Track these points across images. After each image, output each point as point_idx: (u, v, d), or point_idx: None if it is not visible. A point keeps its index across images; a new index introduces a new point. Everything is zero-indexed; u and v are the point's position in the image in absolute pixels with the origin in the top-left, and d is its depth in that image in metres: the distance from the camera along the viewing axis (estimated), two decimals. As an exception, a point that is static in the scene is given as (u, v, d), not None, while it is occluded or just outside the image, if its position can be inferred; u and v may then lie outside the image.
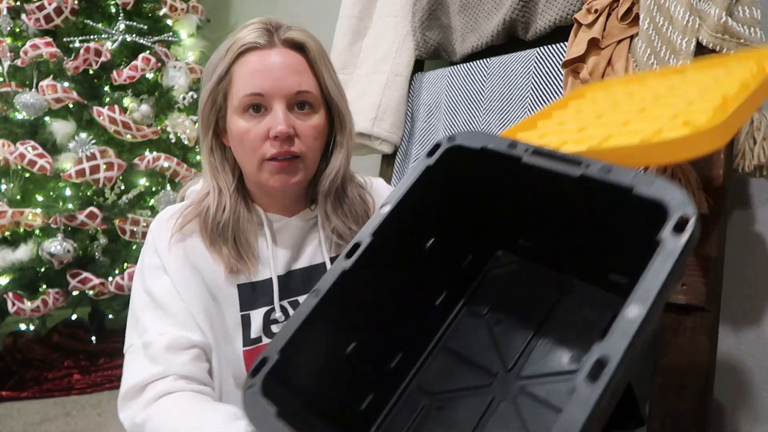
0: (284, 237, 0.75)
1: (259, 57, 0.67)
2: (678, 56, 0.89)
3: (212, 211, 0.70)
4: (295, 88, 0.67)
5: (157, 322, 0.66)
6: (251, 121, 0.67)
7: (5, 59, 1.82)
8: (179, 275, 0.69)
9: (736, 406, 1.02)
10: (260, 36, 0.68)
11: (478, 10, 1.26)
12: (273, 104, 0.67)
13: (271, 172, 0.68)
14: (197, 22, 2.19)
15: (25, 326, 1.87)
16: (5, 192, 1.75)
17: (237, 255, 0.70)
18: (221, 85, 0.69)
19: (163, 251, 0.70)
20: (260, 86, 0.66)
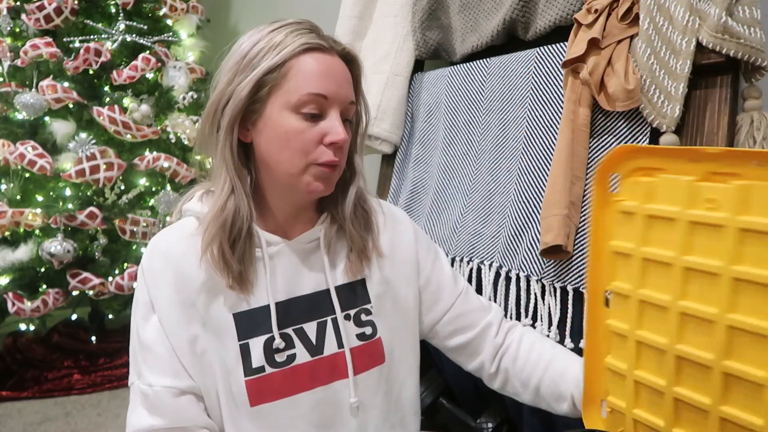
0: (283, 261, 0.71)
1: (325, 59, 0.65)
2: (678, 56, 0.89)
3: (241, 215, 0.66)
4: (350, 98, 0.68)
5: (148, 370, 0.67)
6: (306, 123, 0.64)
7: (5, 59, 1.82)
8: (168, 314, 0.67)
9: (736, 406, 1.02)
10: (319, 38, 0.66)
11: (478, 10, 1.26)
12: (330, 110, 0.65)
13: (316, 176, 0.66)
14: (197, 22, 2.19)
15: (25, 326, 1.87)
16: (5, 192, 1.75)
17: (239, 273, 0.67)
18: (269, 77, 0.64)
19: (153, 286, 0.67)
20: (326, 88, 0.64)
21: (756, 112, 0.89)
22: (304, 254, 0.73)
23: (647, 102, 0.91)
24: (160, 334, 0.67)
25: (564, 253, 0.97)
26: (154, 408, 0.66)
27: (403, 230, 0.82)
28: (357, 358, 0.72)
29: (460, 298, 0.84)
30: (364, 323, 0.74)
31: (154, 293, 0.67)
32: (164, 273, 0.67)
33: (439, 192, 1.29)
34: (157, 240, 0.70)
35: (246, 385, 0.67)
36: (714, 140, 0.90)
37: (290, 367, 0.69)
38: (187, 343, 0.67)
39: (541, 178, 1.06)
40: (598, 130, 1.01)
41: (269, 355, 0.68)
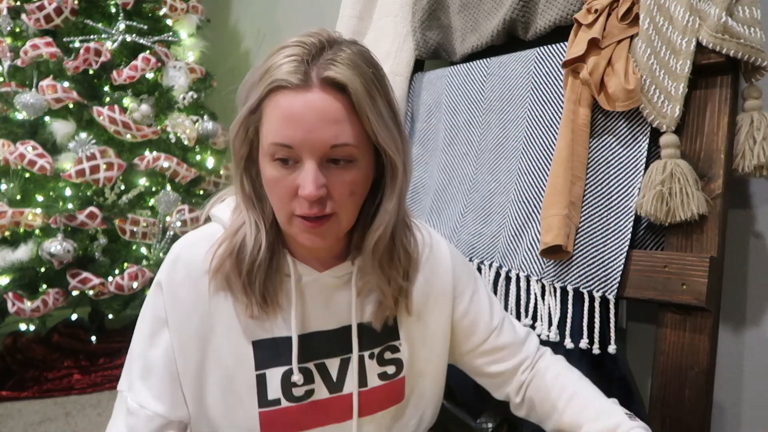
0: (312, 293, 0.67)
1: (291, 100, 0.55)
2: (678, 56, 0.89)
3: (249, 246, 0.62)
4: (330, 141, 0.55)
5: (145, 390, 0.64)
6: (280, 171, 0.57)
7: (5, 59, 1.82)
8: (183, 332, 0.63)
9: (736, 406, 1.02)
10: (294, 71, 0.55)
11: (478, 10, 1.26)
12: (303, 158, 0.56)
13: (301, 228, 0.59)
14: (197, 22, 2.19)
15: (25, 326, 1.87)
16: (5, 192, 1.75)
17: (262, 301, 0.63)
18: (252, 118, 0.59)
19: (171, 301, 0.63)
20: (289, 137, 0.55)
21: (756, 112, 0.89)
22: (335, 288, 0.68)
23: (647, 102, 0.91)
24: (168, 357, 0.63)
25: (564, 253, 0.97)
26: (131, 429, 0.63)
27: (442, 263, 0.76)
28: (373, 399, 0.69)
29: (493, 334, 0.79)
30: (388, 362, 0.71)
31: (171, 309, 0.63)
32: (184, 287, 0.63)
33: (439, 192, 1.29)
34: (181, 249, 0.66)
35: (259, 417, 0.64)
36: (714, 140, 0.90)
37: (307, 402, 0.66)
38: (196, 366, 0.64)
39: (541, 178, 1.06)
40: (598, 130, 1.01)
41: (286, 388, 0.65)
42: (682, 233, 0.91)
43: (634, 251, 0.94)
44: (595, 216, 0.98)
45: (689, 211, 0.87)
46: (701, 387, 0.87)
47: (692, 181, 0.88)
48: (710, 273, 0.86)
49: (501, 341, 0.79)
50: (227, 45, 2.59)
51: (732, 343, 1.02)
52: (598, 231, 0.98)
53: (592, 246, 0.97)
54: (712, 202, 0.88)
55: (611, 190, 0.98)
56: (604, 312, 0.96)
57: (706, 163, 0.90)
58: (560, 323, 0.99)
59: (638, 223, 0.98)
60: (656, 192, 0.89)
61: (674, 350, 0.90)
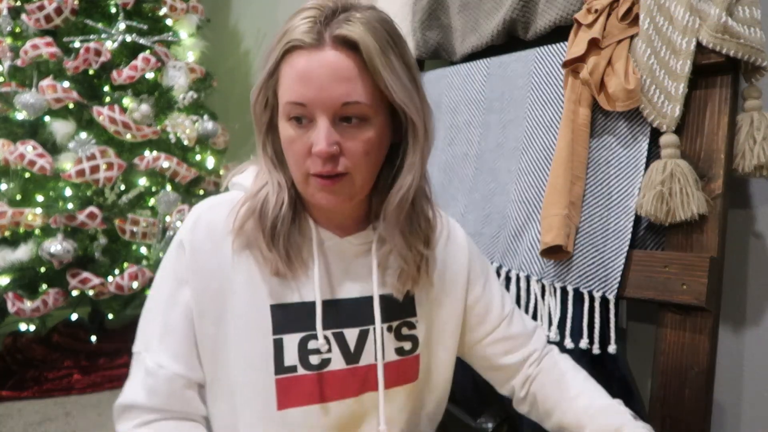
0: (334, 259, 0.67)
1: (305, 59, 0.57)
2: (678, 56, 0.89)
3: (271, 203, 0.62)
4: (342, 99, 0.57)
5: (163, 350, 0.63)
6: (296, 131, 0.59)
7: (5, 59, 1.82)
8: (203, 293, 0.63)
9: (736, 406, 1.02)
10: (308, 31, 0.56)
11: (478, 10, 1.26)
12: (316, 116, 0.57)
13: (316, 188, 0.60)
14: (197, 22, 2.19)
15: (25, 326, 1.87)
16: (5, 192, 1.75)
17: (287, 257, 0.63)
18: (270, 82, 0.61)
19: (193, 261, 0.63)
20: (302, 95, 0.57)
21: (756, 112, 0.89)
22: (355, 256, 0.68)
23: (647, 102, 0.91)
24: (187, 317, 0.63)
25: (564, 253, 0.97)
26: (155, 391, 0.62)
27: (458, 248, 0.77)
28: (390, 373, 0.68)
29: (504, 323, 0.79)
30: (405, 337, 0.70)
31: (193, 269, 0.63)
32: (206, 248, 0.63)
33: (439, 192, 1.29)
34: (202, 211, 0.66)
35: (275, 384, 0.63)
36: (714, 140, 0.90)
37: (324, 371, 0.65)
38: (214, 328, 0.64)
39: (541, 178, 1.06)
40: (598, 130, 1.01)
41: (303, 354, 0.64)
42: (682, 233, 0.91)
43: (634, 251, 0.95)
44: (595, 216, 0.98)
45: (689, 211, 0.87)
46: (701, 387, 0.87)
47: (692, 181, 0.88)
48: (710, 273, 0.86)
49: (511, 331, 0.79)
50: (227, 45, 2.59)
51: (732, 343, 1.02)
52: (598, 231, 0.98)
53: (592, 246, 0.97)
54: (712, 202, 0.88)
55: (611, 190, 0.98)
56: (604, 312, 0.96)
57: (706, 163, 0.90)
58: (560, 323, 0.99)
59: (638, 223, 0.98)
60: (656, 192, 0.89)
61: (674, 350, 0.90)
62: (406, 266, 0.67)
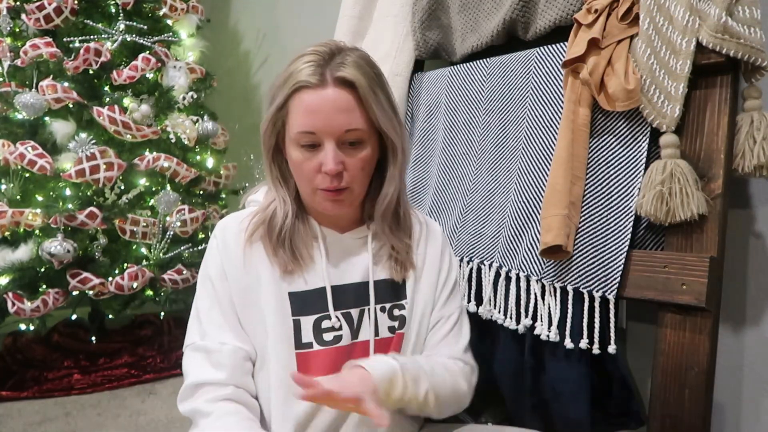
0: (336, 251, 0.81)
1: (311, 97, 0.71)
2: (678, 56, 0.89)
3: (279, 216, 0.78)
4: (345, 127, 0.71)
5: (217, 330, 0.75)
6: (305, 154, 0.73)
7: (5, 59, 1.82)
8: (239, 285, 0.77)
9: (736, 406, 1.02)
10: (313, 74, 0.71)
11: (478, 10, 1.26)
12: (324, 142, 0.71)
13: (323, 198, 0.74)
14: (197, 22, 2.19)
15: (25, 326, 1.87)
16: (5, 192, 1.75)
17: (292, 257, 0.77)
18: (280, 114, 0.74)
19: (227, 259, 0.78)
20: (312, 125, 0.71)
21: (756, 112, 0.89)
22: (354, 247, 0.82)
23: (647, 102, 0.91)
24: (232, 304, 0.76)
25: (564, 253, 0.97)
26: (220, 364, 0.73)
27: (436, 235, 0.89)
28: (383, 348, 0.80)
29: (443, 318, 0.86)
30: (396, 317, 0.82)
31: (228, 265, 0.77)
32: (235, 251, 0.78)
33: (439, 192, 1.29)
34: (227, 222, 0.81)
35: (296, 357, 0.76)
36: (714, 140, 0.90)
37: (335, 347, 0.77)
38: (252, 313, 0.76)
39: (541, 178, 1.06)
40: (598, 130, 1.01)
41: (318, 333, 0.77)
42: (682, 233, 0.91)
43: (634, 251, 0.94)
44: (595, 216, 0.98)
45: (689, 211, 0.87)
46: (701, 387, 0.87)
47: (692, 181, 0.88)
48: (710, 273, 0.86)
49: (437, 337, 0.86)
50: (227, 45, 2.59)
51: (732, 343, 1.02)
52: (598, 231, 0.98)
53: (592, 246, 0.97)
54: (712, 202, 0.88)
55: (611, 190, 0.98)
56: (604, 312, 0.96)
57: (706, 163, 0.90)
58: (560, 323, 0.99)
59: (638, 223, 0.98)
60: (656, 192, 0.89)
61: (674, 350, 0.90)
62: (398, 255, 0.82)
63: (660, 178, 0.89)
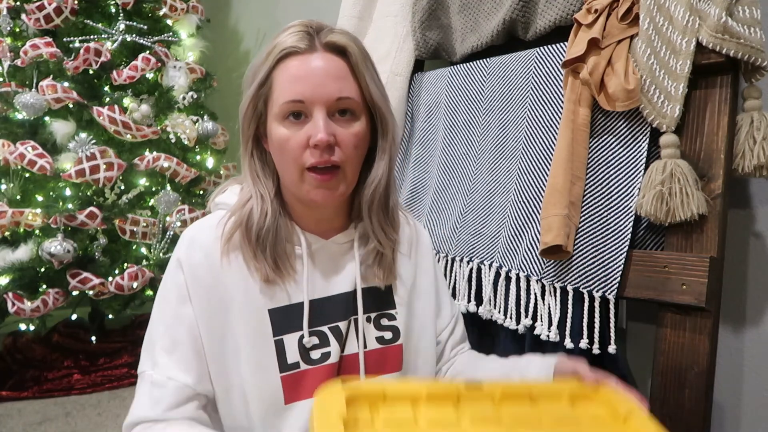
0: (321, 260, 0.73)
1: (299, 62, 0.64)
2: (678, 56, 0.89)
3: (256, 216, 0.68)
4: (336, 94, 0.64)
5: (168, 362, 0.65)
6: (291, 128, 0.65)
7: (5, 59, 1.82)
8: (205, 308, 0.67)
9: (736, 406, 1.02)
10: (300, 40, 0.65)
11: (478, 10, 1.26)
12: (313, 111, 0.64)
13: (312, 184, 0.65)
14: (197, 22, 2.19)
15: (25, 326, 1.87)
16: (5, 192, 1.75)
17: (274, 265, 0.68)
18: (262, 91, 0.67)
19: (192, 279, 0.67)
20: (300, 93, 0.64)
21: (756, 112, 0.89)
22: (340, 254, 0.74)
23: (647, 102, 0.91)
24: (193, 332, 0.66)
25: (564, 253, 0.97)
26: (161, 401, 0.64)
27: (425, 240, 0.85)
28: (372, 361, 0.72)
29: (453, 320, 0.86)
30: (385, 327, 0.75)
31: (193, 286, 0.67)
32: (203, 266, 0.67)
33: (439, 192, 1.29)
34: (194, 233, 0.70)
35: (282, 381, 0.67)
36: (714, 140, 0.90)
37: (324, 365, 0.69)
38: (220, 338, 0.67)
39: (541, 178, 1.06)
40: (598, 130, 1.01)
41: (304, 351, 0.69)
42: (682, 233, 0.91)
43: (634, 251, 0.94)
44: (595, 216, 0.98)
45: (689, 211, 0.87)
46: (701, 387, 0.87)
47: (692, 181, 0.88)
48: (710, 273, 0.86)
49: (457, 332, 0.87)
50: (227, 45, 2.59)
51: (732, 343, 1.02)
52: (598, 231, 0.98)
53: (592, 246, 0.97)
54: (712, 202, 0.88)
55: (611, 190, 0.98)
56: (604, 312, 0.96)
57: (706, 163, 0.90)
58: (560, 323, 0.99)
59: (638, 223, 0.98)
60: (656, 192, 0.89)
61: (674, 350, 0.90)
62: (384, 256, 0.74)
63: (660, 178, 0.89)
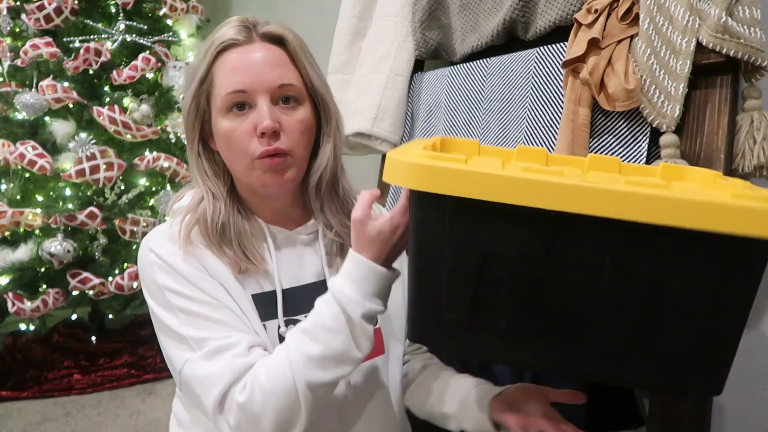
0: (288, 250, 0.74)
1: (238, 53, 0.66)
2: (678, 56, 0.89)
3: (209, 214, 0.68)
4: (278, 81, 0.66)
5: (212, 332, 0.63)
6: (236, 120, 0.66)
7: (5, 59, 1.82)
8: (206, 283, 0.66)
9: (736, 406, 1.02)
10: (238, 33, 0.66)
11: (478, 10, 1.26)
12: (257, 100, 0.65)
13: (262, 170, 0.66)
14: (197, 22, 2.19)
15: (25, 326, 1.87)
16: (5, 192, 1.75)
17: (243, 255, 0.68)
18: (203, 88, 0.68)
19: (179, 265, 0.66)
20: (242, 82, 0.65)
21: (756, 112, 0.89)
22: (305, 246, 0.75)
23: (647, 102, 0.91)
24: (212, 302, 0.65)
25: (564, 253, 0.97)
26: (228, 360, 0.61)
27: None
28: None
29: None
30: None
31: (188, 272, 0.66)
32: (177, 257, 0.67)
33: (439, 192, 1.29)
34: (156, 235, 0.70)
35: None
36: (714, 140, 0.90)
37: None
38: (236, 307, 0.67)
39: (541, 178, 1.06)
40: (598, 130, 1.01)
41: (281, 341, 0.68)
42: (682, 233, 0.91)
43: (634, 251, 0.94)
44: (595, 216, 0.98)
45: (689, 211, 0.87)
46: (701, 387, 0.87)
47: (692, 181, 0.88)
48: (710, 273, 0.86)
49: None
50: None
51: (732, 343, 1.02)
52: (598, 231, 0.97)
53: (592, 246, 0.97)
54: (712, 202, 0.88)
55: (611, 190, 0.98)
56: (604, 312, 0.96)
57: (706, 163, 0.90)
58: (560, 323, 0.99)
59: (638, 223, 0.98)
60: (656, 192, 0.89)
61: (674, 350, 0.90)
62: (344, 242, 0.75)
63: (660, 178, 0.89)
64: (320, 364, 0.60)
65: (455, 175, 0.46)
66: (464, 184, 0.46)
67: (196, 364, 0.63)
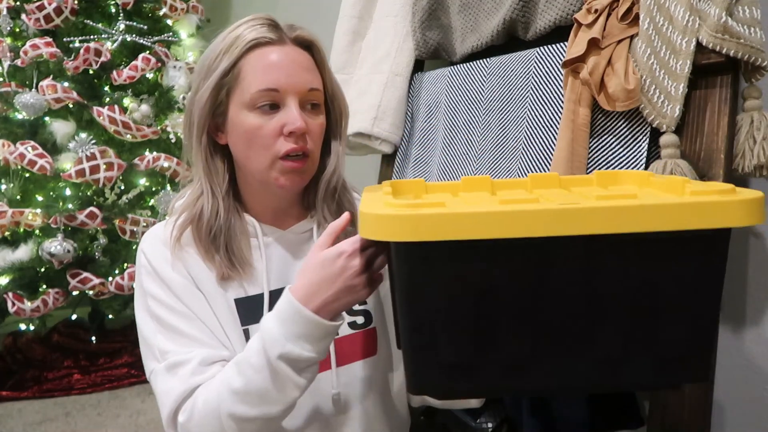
0: (278, 251, 0.73)
1: (272, 52, 0.66)
2: (678, 56, 0.89)
3: (206, 214, 0.68)
4: (308, 85, 0.67)
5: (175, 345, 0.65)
6: (263, 117, 0.65)
7: (5, 59, 1.82)
8: (187, 293, 0.67)
9: (736, 406, 1.02)
10: (269, 31, 0.67)
11: (478, 10, 1.26)
12: (287, 100, 0.66)
13: (282, 171, 0.66)
14: (197, 22, 2.19)
15: (25, 326, 1.87)
16: (5, 192, 1.75)
17: (229, 263, 0.68)
18: (225, 80, 0.66)
19: (164, 271, 0.68)
20: (276, 81, 0.65)
21: (756, 112, 0.89)
22: (299, 244, 0.75)
23: (647, 102, 0.91)
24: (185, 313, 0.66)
25: (564, 253, 0.97)
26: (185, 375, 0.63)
27: None
28: (345, 347, 0.73)
29: None
30: (356, 312, 0.75)
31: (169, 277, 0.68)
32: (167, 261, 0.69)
33: (439, 192, 1.29)
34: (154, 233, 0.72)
35: None
36: (714, 140, 0.90)
37: None
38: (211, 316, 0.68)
39: (541, 178, 1.06)
40: (598, 130, 1.01)
41: None
42: (682, 233, 0.91)
43: (634, 251, 0.94)
44: (595, 216, 0.98)
45: (689, 211, 0.87)
46: (701, 387, 0.87)
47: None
48: (710, 273, 0.86)
49: None
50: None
51: (732, 343, 1.02)
52: (598, 231, 0.97)
53: (592, 246, 0.97)
54: (712, 202, 0.88)
55: (611, 190, 0.98)
56: (604, 312, 0.96)
57: (706, 163, 0.90)
58: (560, 323, 0.99)
59: (638, 223, 0.98)
60: (656, 192, 0.89)
61: (674, 350, 0.90)
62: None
63: (660, 178, 0.89)
64: (243, 399, 0.59)
65: (445, 219, 0.46)
66: (452, 227, 0.46)
67: (157, 376, 0.65)
